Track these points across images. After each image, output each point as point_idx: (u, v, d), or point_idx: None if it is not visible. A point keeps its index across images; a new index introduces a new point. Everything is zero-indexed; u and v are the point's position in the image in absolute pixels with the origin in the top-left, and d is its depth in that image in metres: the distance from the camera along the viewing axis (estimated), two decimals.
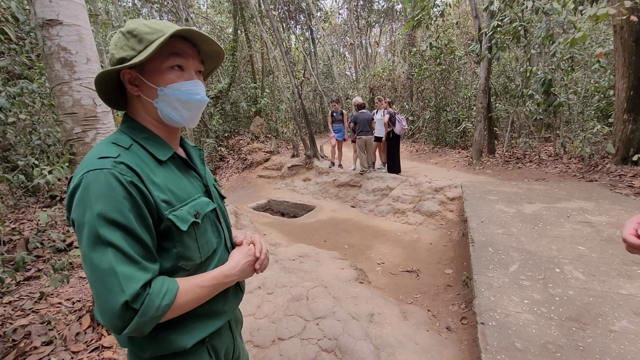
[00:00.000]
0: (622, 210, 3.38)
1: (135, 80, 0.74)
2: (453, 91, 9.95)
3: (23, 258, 2.12)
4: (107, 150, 0.69)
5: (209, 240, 0.80)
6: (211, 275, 0.76)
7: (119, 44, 0.72)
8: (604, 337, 1.73)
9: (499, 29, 6.35)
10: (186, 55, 0.76)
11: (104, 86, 0.76)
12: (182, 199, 0.75)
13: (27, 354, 1.92)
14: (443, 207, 5.07)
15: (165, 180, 0.73)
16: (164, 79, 0.73)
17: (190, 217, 0.74)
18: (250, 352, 2.02)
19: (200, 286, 0.72)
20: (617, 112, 4.99)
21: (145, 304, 0.62)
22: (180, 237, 0.72)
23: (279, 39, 9.00)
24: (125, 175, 0.65)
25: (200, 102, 0.78)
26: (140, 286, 0.62)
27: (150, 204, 0.68)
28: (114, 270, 0.60)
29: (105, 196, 0.62)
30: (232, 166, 10.27)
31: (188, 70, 0.77)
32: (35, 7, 1.73)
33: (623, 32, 4.67)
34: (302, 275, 2.95)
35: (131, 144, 0.73)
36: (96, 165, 0.65)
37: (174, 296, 0.66)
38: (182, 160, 0.82)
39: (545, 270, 2.42)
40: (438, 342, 2.16)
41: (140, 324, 0.62)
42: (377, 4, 17.79)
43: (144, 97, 0.75)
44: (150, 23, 0.73)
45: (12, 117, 3.36)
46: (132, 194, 0.65)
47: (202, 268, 0.78)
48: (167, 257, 0.72)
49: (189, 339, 0.75)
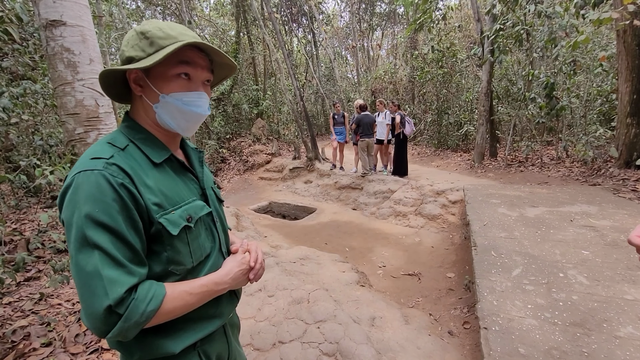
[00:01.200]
0: (626, 214, 3.35)
1: (140, 80, 0.74)
2: (455, 94, 9.94)
3: (23, 259, 2.12)
4: (100, 150, 0.68)
5: (202, 244, 0.79)
6: (201, 283, 0.74)
7: (131, 42, 0.72)
8: (609, 343, 1.71)
9: (501, 32, 6.35)
10: (195, 65, 0.74)
11: (109, 82, 0.75)
12: (175, 202, 0.74)
13: (26, 356, 1.91)
14: (445, 210, 5.05)
15: (158, 182, 0.72)
16: (168, 86, 0.72)
17: (182, 221, 0.73)
18: (251, 355, 2.00)
19: (189, 293, 0.70)
20: (620, 115, 4.97)
21: (130, 309, 0.61)
22: (171, 241, 0.71)
23: (281, 41, 9.03)
24: (116, 177, 0.64)
25: (200, 116, 0.77)
26: (125, 290, 0.60)
27: (140, 206, 0.67)
28: (99, 273, 0.60)
29: (94, 198, 0.62)
30: (234, 168, 10.28)
31: (195, 80, 0.75)
32: (39, 7, 1.73)
33: (626, 35, 4.66)
34: (303, 278, 2.93)
35: (127, 144, 0.72)
36: (88, 166, 0.64)
37: (160, 302, 0.65)
38: (178, 162, 0.81)
39: (548, 274, 2.39)
40: (440, 347, 2.14)
41: (123, 328, 0.61)
42: (379, 7, 17.84)
43: (145, 99, 0.74)
44: (165, 27, 0.72)
45: (15, 117, 3.37)
46: (122, 196, 0.64)
47: (193, 273, 0.76)
48: (157, 260, 0.71)
49: (178, 344, 0.73)
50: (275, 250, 3.77)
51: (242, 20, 11.10)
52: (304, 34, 16.29)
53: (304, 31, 16.28)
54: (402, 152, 6.64)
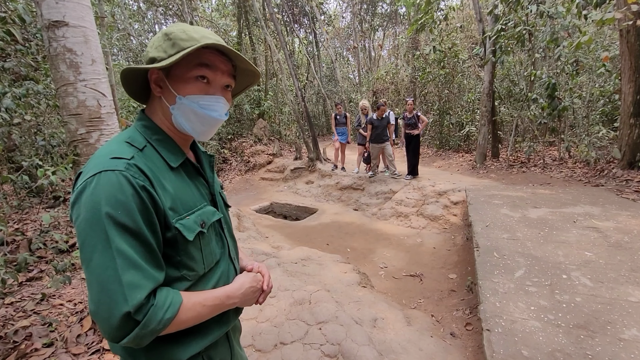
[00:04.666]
0: (629, 215, 3.33)
1: (160, 81, 0.73)
2: (457, 95, 9.92)
3: (25, 259, 2.12)
4: (120, 150, 0.67)
5: (213, 250, 0.78)
6: (214, 295, 0.73)
7: (155, 44, 0.72)
8: (613, 345, 1.70)
9: (503, 32, 6.33)
10: (215, 68, 0.73)
11: (130, 80, 0.76)
12: (189, 207, 0.73)
13: (28, 356, 1.91)
14: (447, 211, 5.03)
15: (175, 186, 0.71)
16: (185, 88, 0.72)
17: (197, 227, 0.72)
18: (252, 356, 2.00)
19: (203, 305, 0.70)
20: (623, 116, 4.95)
21: (148, 316, 0.59)
22: (186, 246, 0.70)
23: (283, 42, 9.04)
24: (138, 179, 0.63)
25: (215, 120, 0.76)
26: (144, 296, 0.59)
27: (159, 210, 0.66)
28: (118, 277, 0.58)
29: (116, 198, 0.60)
30: (235, 168, 10.28)
31: (214, 84, 0.74)
32: (42, 8, 1.73)
33: (629, 36, 4.63)
34: (305, 279, 2.92)
35: (145, 145, 0.71)
36: (109, 165, 0.63)
37: (177, 310, 0.64)
38: (193, 166, 0.80)
39: (551, 276, 2.38)
40: (442, 349, 2.13)
41: (139, 335, 0.60)
42: (380, 8, 17.84)
43: (163, 100, 0.74)
44: (190, 30, 0.72)
45: (17, 118, 3.38)
46: (143, 199, 0.63)
47: (204, 279, 0.76)
48: (170, 266, 0.70)
49: (185, 351, 0.72)
50: (277, 251, 3.77)
51: (243, 20, 11.12)
52: (305, 34, 16.31)
53: (305, 32, 16.30)
54: (418, 152, 6.48)
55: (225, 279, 0.82)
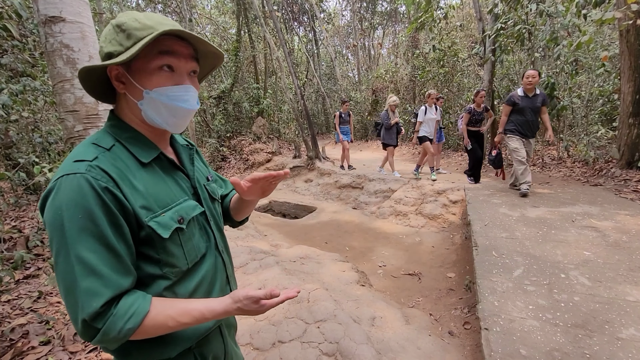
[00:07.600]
0: (628, 215, 3.34)
1: (122, 77, 0.69)
2: (456, 94, 9.92)
3: (22, 256, 2.11)
4: (84, 152, 0.64)
5: (196, 245, 0.76)
6: (196, 309, 0.67)
7: (109, 37, 0.68)
8: (611, 344, 1.70)
9: (502, 31, 6.32)
10: (177, 54, 0.69)
11: (91, 80, 0.71)
12: (165, 204, 0.70)
13: (25, 354, 1.90)
14: (445, 210, 5.04)
15: (147, 183, 0.69)
16: (151, 81, 0.68)
17: (174, 223, 0.70)
18: (250, 355, 1.99)
19: (175, 319, 0.64)
20: (622, 116, 4.95)
21: (107, 325, 0.58)
22: (163, 244, 0.68)
23: (282, 39, 9.00)
24: (100, 181, 0.61)
25: (186, 111, 0.72)
26: (101, 305, 0.58)
27: (127, 211, 0.64)
28: (76, 284, 0.57)
29: (75, 202, 0.58)
30: (234, 166, 10.27)
31: (179, 71, 0.70)
32: (39, 4, 1.71)
33: (629, 35, 4.63)
34: (303, 277, 2.92)
35: (113, 144, 0.68)
36: (70, 169, 0.61)
37: (139, 321, 0.61)
38: (168, 160, 0.77)
39: (550, 275, 2.38)
40: (440, 347, 2.13)
41: (103, 341, 0.59)
42: (380, 6, 17.80)
43: (129, 96, 0.70)
44: (141, 17, 0.67)
45: (14, 114, 3.36)
46: (106, 201, 0.61)
47: (189, 275, 0.74)
48: (150, 265, 0.68)
49: (174, 349, 0.72)
50: (276, 249, 3.76)
51: (243, 18, 11.07)
52: (304, 32, 16.27)
53: (304, 30, 16.26)
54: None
55: (212, 272, 0.80)
